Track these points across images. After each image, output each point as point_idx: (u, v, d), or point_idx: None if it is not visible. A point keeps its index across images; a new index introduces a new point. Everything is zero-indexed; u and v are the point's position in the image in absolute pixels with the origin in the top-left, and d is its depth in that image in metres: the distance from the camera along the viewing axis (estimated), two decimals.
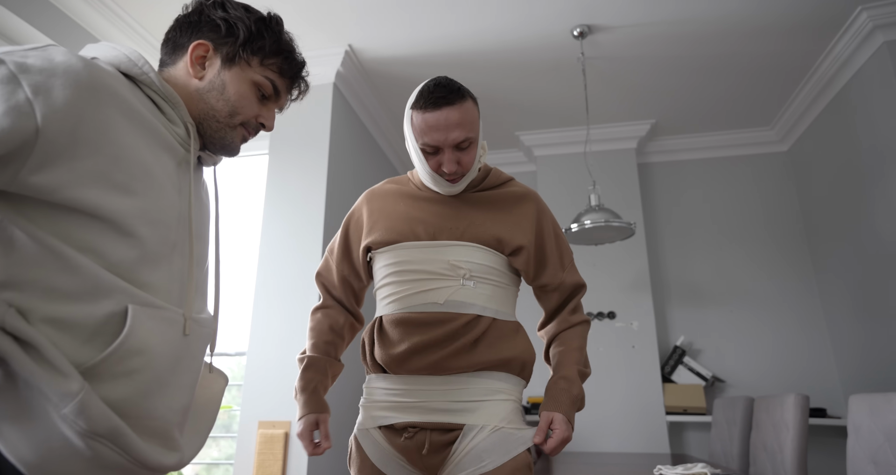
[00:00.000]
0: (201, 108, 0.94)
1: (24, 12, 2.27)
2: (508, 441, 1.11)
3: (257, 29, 0.96)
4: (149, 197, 0.81)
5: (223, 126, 0.96)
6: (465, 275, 1.16)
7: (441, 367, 1.13)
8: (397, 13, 2.72)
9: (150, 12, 2.69)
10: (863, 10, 2.67)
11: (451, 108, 1.12)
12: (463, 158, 1.16)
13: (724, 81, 3.28)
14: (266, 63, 0.97)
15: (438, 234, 1.20)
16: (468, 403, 1.13)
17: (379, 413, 1.19)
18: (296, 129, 2.96)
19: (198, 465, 2.85)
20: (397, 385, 1.17)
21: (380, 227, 1.24)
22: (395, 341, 1.16)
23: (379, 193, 1.31)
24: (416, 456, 1.13)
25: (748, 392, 3.42)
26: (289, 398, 2.52)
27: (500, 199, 1.26)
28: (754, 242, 3.70)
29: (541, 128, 3.84)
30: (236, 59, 0.95)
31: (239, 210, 3.16)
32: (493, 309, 1.18)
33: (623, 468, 2.32)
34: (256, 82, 0.97)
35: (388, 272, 1.22)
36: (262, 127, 1.01)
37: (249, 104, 0.96)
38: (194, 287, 0.91)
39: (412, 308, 1.16)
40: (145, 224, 0.80)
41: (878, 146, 2.83)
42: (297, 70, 1.03)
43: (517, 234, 1.21)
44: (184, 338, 0.85)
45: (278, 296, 2.68)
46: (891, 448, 1.55)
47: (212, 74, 0.94)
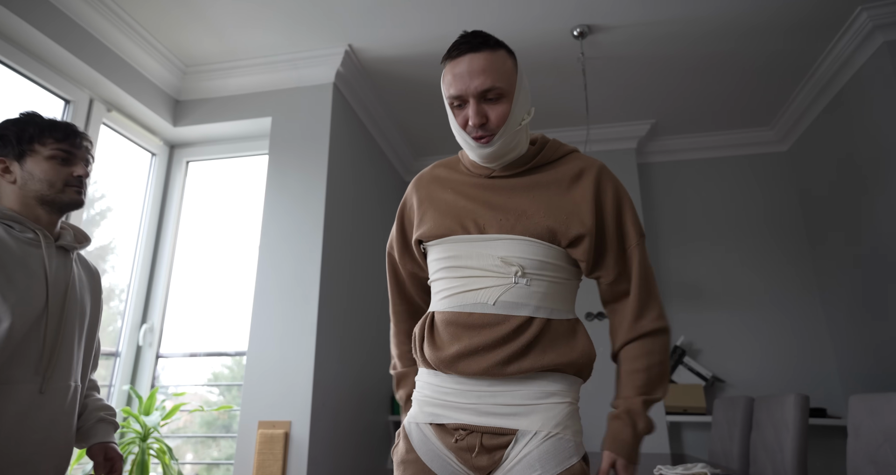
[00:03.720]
0: (31, 194, 1.33)
1: (25, 13, 2.27)
2: (563, 449, 1.04)
3: (19, 128, 1.35)
4: (21, 293, 1.25)
5: (54, 193, 1.35)
6: (517, 273, 1.08)
7: (490, 373, 1.06)
8: (397, 13, 2.72)
9: (150, 12, 2.69)
10: (863, 10, 2.67)
11: (476, 55, 1.07)
12: (490, 112, 1.08)
13: (724, 81, 3.28)
14: (42, 141, 1.35)
15: (488, 226, 1.12)
16: (520, 407, 1.06)
17: (431, 409, 1.13)
18: (296, 129, 2.96)
19: (198, 465, 2.85)
20: (448, 384, 1.11)
21: (428, 218, 1.18)
22: (444, 342, 1.11)
23: (427, 179, 1.25)
24: (466, 456, 1.08)
25: (748, 392, 3.42)
26: (289, 398, 2.53)
27: (556, 180, 1.16)
28: (754, 242, 3.70)
29: (541, 128, 3.84)
30: (25, 154, 1.33)
31: (239, 210, 3.16)
32: (547, 307, 1.10)
33: None
34: (50, 157, 1.35)
35: (439, 266, 1.16)
36: (79, 178, 1.38)
37: (57, 173, 1.35)
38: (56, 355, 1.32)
39: (462, 307, 1.10)
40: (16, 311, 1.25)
41: (878, 146, 2.83)
42: (68, 132, 1.39)
43: (574, 223, 1.11)
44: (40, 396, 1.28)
45: (278, 296, 2.68)
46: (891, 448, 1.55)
47: (18, 172, 1.33)
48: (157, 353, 2.92)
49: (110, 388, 2.76)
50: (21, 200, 1.33)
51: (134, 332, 2.89)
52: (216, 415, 2.92)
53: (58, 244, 1.38)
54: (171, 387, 2.90)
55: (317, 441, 2.52)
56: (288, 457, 2.43)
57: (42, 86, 2.50)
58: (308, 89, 3.02)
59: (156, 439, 2.48)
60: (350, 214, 3.14)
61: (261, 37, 2.88)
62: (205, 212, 3.18)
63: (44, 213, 1.36)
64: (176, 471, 2.44)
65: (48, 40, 2.37)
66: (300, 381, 2.53)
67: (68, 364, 1.36)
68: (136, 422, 2.50)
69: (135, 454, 2.41)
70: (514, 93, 1.10)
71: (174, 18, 2.74)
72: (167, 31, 2.83)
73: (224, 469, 2.80)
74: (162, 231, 3.10)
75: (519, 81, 1.12)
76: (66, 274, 1.37)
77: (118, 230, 2.92)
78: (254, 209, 3.08)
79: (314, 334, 2.59)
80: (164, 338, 2.96)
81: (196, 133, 3.16)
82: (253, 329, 2.66)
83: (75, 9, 2.50)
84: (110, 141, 2.88)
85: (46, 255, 1.33)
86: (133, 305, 2.90)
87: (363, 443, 3.12)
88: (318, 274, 2.67)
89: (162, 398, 2.78)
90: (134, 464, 2.39)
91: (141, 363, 2.88)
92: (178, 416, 2.80)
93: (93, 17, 2.58)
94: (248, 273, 2.96)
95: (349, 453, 2.90)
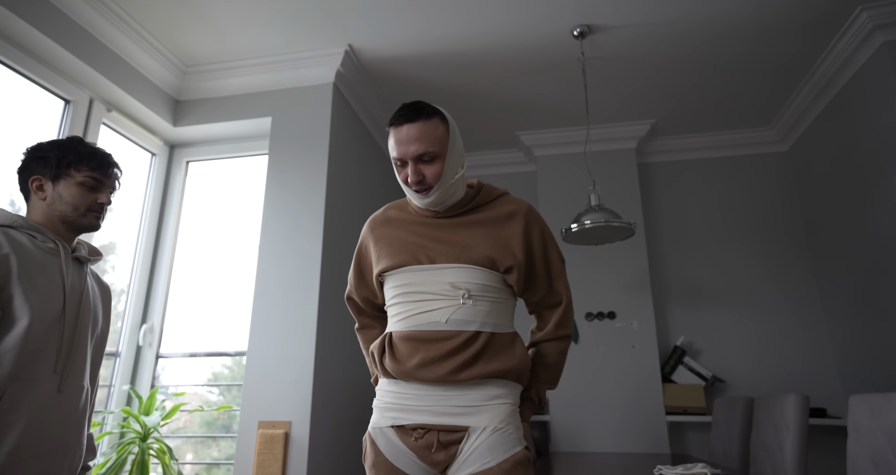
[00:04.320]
0: (56, 214, 1.46)
1: (25, 13, 2.27)
2: (509, 439, 1.24)
3: (61, 152, 1.46)
4: (41, 295, 1.35)
5: (77, 216, 1.47)
6: (464, 295, 1.29)
7: (446, 380, 1.24)
8: (397, 13, 2.72)
9: (150, 12, 2.69)
10: (863, 10, 2.67)
11: (412, 125, 1.27)
12: (426, 171, 1.29)
13: (724, 81, 3.28)
14: (79, 168, 1.47)
15: (437, 257, 1.32)
16: (471, 408, 1.25)
17: (391, 414, 1.30)
18: (296, 129, 2.96)
19: (198, 465, 2.85)
20: (407, 390, 1.29)
21: (385, 253, 1.37)
22: (404, 355, 1.28)
23: (380, 221, 1.45)
24: (425, 453, 1.25)
25: (748, 392, 3.42)
26: (289, 398, 2.52)
27: (491, 218, 1.37)
28: (754, 242, 3.70)
29: (541, 128, 3.84)
30: (60, 177, 1.46)
31: (239, 210, 3.15)
32: (491, 323, 1.30)
33: (623, 468, 2.32)
34: (80, 183, 1.47)
35: (395, 293, 1.35)
36: (101, 205, 1.51)
37: (83, 198, 1.47)
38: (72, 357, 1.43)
39: (419, 326, 1.29)
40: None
41: (878, 146, 2.83)
42: (103, 162, 1.51)
43: (507, 254, 1.32)
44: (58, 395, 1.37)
45: (278, 296, 2.68)
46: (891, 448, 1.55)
47: (50, 192, 1.46)
48: (157, 353, 2.92)
49: (110, 388, 2.76)
50: (46, 216, 1.46)
51: (134, 332, 2.89)
52: (216, 415, 2.92)
53: (74, 256, 1.49)
54: (171, 387, 2.90)
55: (317, 441, 2.52)
56: (288, 457, 2.43)
57: (42, 86, 2.50)
58: (308, 89, 3.02)
59: (156, 439, 2.48)
60: (350, 214, 3.14)
61: (261, 37, 2.88)
62: (205, 212, 3.18)
63: (63, 230, 1.49)
64: (176, 471, 2.44)
65: (48, 40, 2.37)
66: (300, 381, 2.53)
67: (82, 366, 1.46)
68: (136, 422, 2.49)
69: (135, 454, 2.41)
70: (445, 154, 1.30)
71: (174, 18, 2.74)
72: (167, 31, 2.82)
73: (224, 469, 2.80)
74: (162, 231, 3.10)
75: (451, 143, 1.31)
76: (80, 283, 1.49)
77: (118, 230, 2.92)
78: (254, 209, 3.08)
79: (314, 334, 2.59)
80: (164, 338, 2.96)
81: (196, 133, 3.16)
82: (253, 329, 2.66)
83: (75, 9, 2.49)
84: (110, 141, 2.87)
85: (65, 265, 1.44)
86: (133, 305, 2.90)
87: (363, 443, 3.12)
88: (318, 274, 2.67)
89: (162, 398, 2.78)
90: (134, 464, 2.39)
91: (141, 363, 2.88)
92: (178, 416, 2.80)
93: (93, 17, 2.58)
94: (248, 273, 2.96)
95: (349, 453, 2.90)
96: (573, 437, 3.29)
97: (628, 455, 2.92)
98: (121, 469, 2.42)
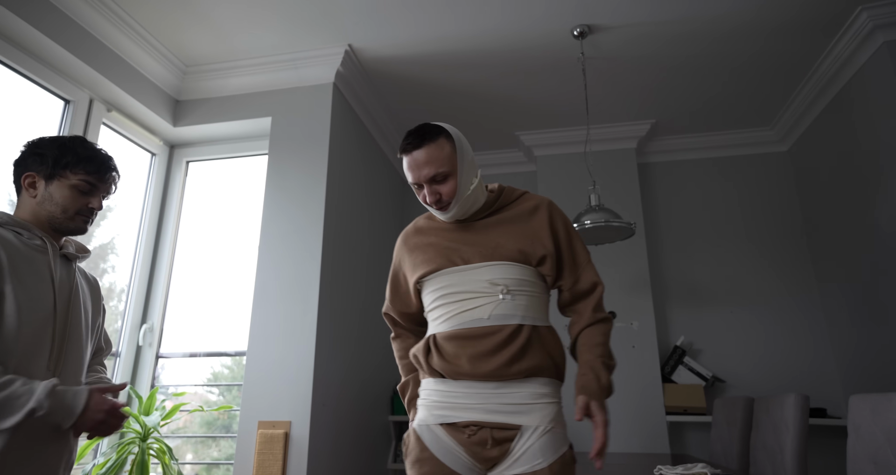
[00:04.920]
0: (44, 213, 1.41)
1: (25, 13, 2.27)
2: (557, 441, 1.28)
3: (60, 152, 1.41)
4: (30, 293, 1.32)
5: (64, 219, 1.42)
6: (502, 290, 1.33)
7: (497, 375, 1.28)
8: (397, 13, 2.72)
9: (150, 12, 2.69)
10: (863, 10, 2.67)
11: (419, 151, 1.34)
12: (441, 189, 1.36)
13: (724, 81, 3.28)
14: (75, 171, 1.41)
15: (472, 258, 1.37)
16: (521, 406, 1.29)
17: (439, 412, 1.34)
18: (296, 129, 2.96)
19: (198, 465, 2.85)
20: (456, 389, 1.33)
21: (420, 260, 1.44)
22: (451, 354, 1.32)
23: (412, 233, 1.52)
24: (477, 449, 1.28)
25: (748, 392, 3.42)
26: (289, 398, 2.52)
27: (517, 215, 1.43)
28: (754, 242, 3.70)
29: (541, 128, 3.84)
30: (54, 177, 1.41)
31: (239, 210, 3.15)
32: (531, 316, 1.34)
33: (623, 468, 2.32)
34: (74, 185, 1.42)
35: (435, 296, 1.40)
36: (92, 210, 1.46)
37: (74, 201, 1.42)
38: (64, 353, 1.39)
39: (462, 325, 1.33)
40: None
41: (878, 146, 2.83)
42: (101, 167, 1.45)
43: (537, 245, 1.38)
44: None
45: (278, 296, 2.68)
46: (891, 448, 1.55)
47: (41, 190, 1.41)
48: (157, 353, 2.92)
49: None
50: (34, 214, 1.42)
51: (134, 332, 2.89)
52: (216, 415, 2.92)
53: (62, 253, 1.46)
54: (171, 387, 2.90)
55: (317, 441, 2.52)
56: (288, 457, 2.43)
57: (42, 86, 2.50)
58: (308, 89, 3.02)
59: (156, 439, 2.48)
60: (350, 214, 3.14)
61: (261, 37, 2.88)
62: (205, 212, 3.18)
63: (49, 229, 1.45)
64: (176, 471, 2.44)
65: (48, 40, 2.37)
66: (300, 381, 2.53)
67: (77, 364, 1.44)
68: (136, 422, 2.49)
69: (135, 454, 2.41)
70: (456, 170, 1.36)
71: (174, 18, 2.74)
72: (167, 31, 2.82)
73: (224, 469, 2.80)
74: (162, 231, 3.10)
75: (460, 158, 1.37)
76: (69, 280, 1.45)
77: (118, 230, 2.92)
78: (254, 209, 3.08)
79: (314, 334, 2.59)
80: (164, 338, 2.96)
81: (196, 133, 3.16)
82: (253, 329, 2.66)
83: (75, 9, 2.49)
84: (110, 141, 2.87)
85: (53, 262, 1.41)
86: (133, 305, 2.90)
87: (363, 443, 3.12)
88: (317, 274, 2.67)
89: (162, 398, 2.78)
90: (134, 464, 2.39)
91: (141, 363, 2.88)
92: (178, 416, 2.80)
93: (93, 17, 2.58)
94: (248, 273, 2.96)
95: (349, 453, 2.90)
96: (573, 437, 3.28)
97: (628, 455, 2.92)
98: (121, 469, 2.42)
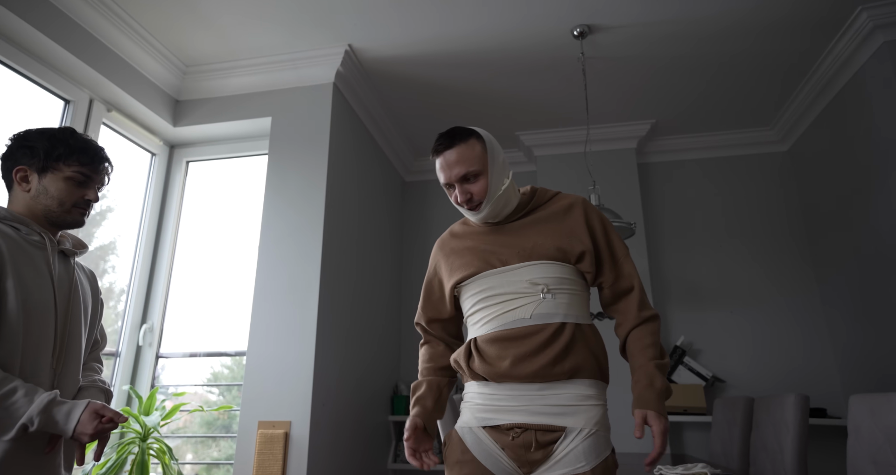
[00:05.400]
0: (40, 207, 1.38)
1: (25, 12, 2.27)
2: (600, 444, 1.25)
3: (51, 144, 1.38)
4: (30, 289, 1.30)
5: (61, 212, 1.39)
6: (543, 290, 1.32)
7: (541, 375, 1.26)
8: (397, 13, 2.72)
9: (151, 12, 2.69)
10: (863, 10, 2.67)
11: (450, 151, 1.36)
12: (472, 189, 1.36)
13: (724, 81, 3.28)
14: (68, 162, 1.39)
15: (509, 259, 1.36)
16: (566, 408, 1.27)
17: (483, 415, 1.32)
18: (296, 129, 2.96)
19: (198, 465, 2.85)
20: (499, 391, 1.31)
21: (457, 265, 1.43)
22: (494, 357, 1.30)
23: (447, 239, 1.52)
24: (521, 452, 1.26)
25: (748, 392, 3.42)
26: (289, 398, 2.52)
27: (552, 214, 1.42)
28: (754, 242, 3.70)
29: (541, 128, 3.84)
30: (48, 170, 1.38)
31: (239, 210, 3.15)
32: (573, 314, 1.32)
33: (623, 468, 2.32)
34: (69, 177, 1.39)
35: (475, 300, 1.39)
36: (89, 202, 1.44)
37: (70, 194, 1.39)
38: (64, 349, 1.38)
39: (504, 326, 1.31)
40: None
41: (878, 145, 2.83)
42: (94, 158, 1.43)
43: (575, 242, 1.36)
44: None
45: (278, 296, 2.68)
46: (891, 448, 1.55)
47: (35, 184, 1.38)
48: (157, 353, 2.92)
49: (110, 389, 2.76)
50: (29, 209, 1.39)
51: (134, 332, 2.89)
52: (216, 415, 2.92)
53: (60, 249, 1.44)
54: (171, 387, 2.90)
55: (317, 441, 2.52)
56: (288, 457, 2.43)
57: (42, 86, 2.50)
58: (308, 89, 3.02)
59: (156, 439, 2.48)
60: (350, 214, 3.14)
61: (261, 37, 2.88)
62: (205, 212, 3.18)
63: (46, 223, 1.42)
64: (176, 471, 2.44)
65: (48, 40, 2.37)
66: (300, 381, 2.53)
67: (76, 361, 1.43)
68: (136, 422, 2.49)
69: (135, 454, 2.41)
70: (487, 170, 1.36)
71: (174, 18, 2.74)
72: (167, 31, 2.82)
73: (224, 469, 2.80)
74: (162, 231, 3.10)
75: (491, 158, 1.38)
76: (68, 275, 1.44)
77: (118, 230, 2.92)
78: (254, 209, 3.08)
79: (314, 334, 2.59)
80: (164, 338, 2.96)
81: (196, 133, 3.16)
82: (253, 329, 2.66)
83: (75, 9, 2.49)
84: (110, 141, 2.87)
85: (51, 257, 1.39)
86: (133, 305, 2.90)
87: (363, 443, 3.12)
88: (317, 274, 2.67)
89: (162, 398, 2.78)
90: (134, 464, 2.39)
91: (141, 363, 2.88)
92: (178, 416, 2.80)
93: (93, 18, 2.58)
94: (248, 273, 2.96)
95: (349, 453, 2.90)
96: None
97: (628, 455, 2.92)
98: (121, 469, 2.42)
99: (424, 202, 4.23)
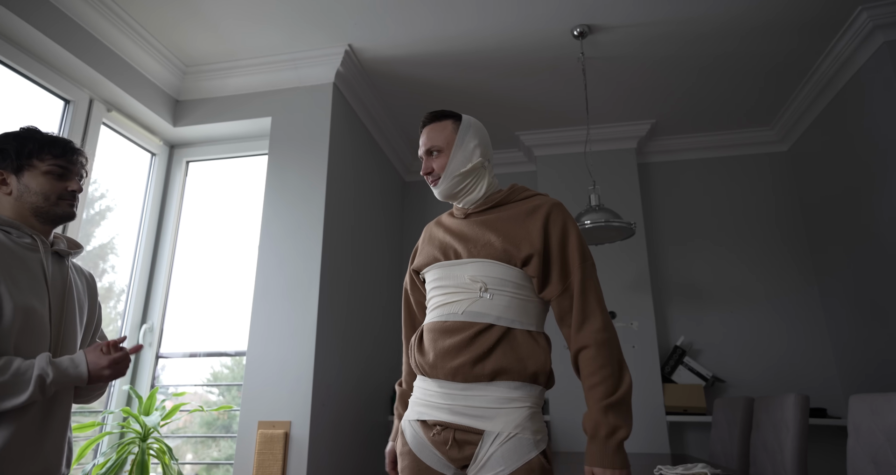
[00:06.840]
0: (26, 207, 1.39)
1: (25, 13, 2.27)
2: (521, 447, 1.23)
3: (19, 143, 1.40)
4: (24, 293, 1.30)
5: (49, 206, 1.41)
6: (481, 288, 1.32)
7: (462, 373, 1.28)
8: (397, 13, 2.72)
9: (151, 12, 2.69)
10: (863, 10, 2.67)
11: (427, 127, 1.47)
12: (434, 163, 1.43)
13: (724, 81, 3.28)
14: (41, 157, 1.41)
15: (461, 253, 1.39)
16: (486, 410, 1.26)
17: (418, 408, 1.37)
18: (296, 129, 2.96)
19: (198, 465, 2.85)
20: (431, 387, 1.35)
21: (422, 253, 1.51)
22: (426, 348, 1.35)
23: (432, 226, 1.56)
24: (443, 448, 1.30)
25: (748, 392, 3.42)
26: (288, 398, 2.52)
27: (516, 214, 1.40)
28: (754, 242, 3.70)
29: (541, 128, 3.84)
30: (23, 168, 1.39)
31: (239, 210, 3.15)
32: (508, 318, 1.30)
33: None
34: (46, 172, 1.41)
35: (431, 287, 1.44)
36: (73, 193, 1.45)
37: (52, 187, 1.41)
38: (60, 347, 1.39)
39: (440, 317, 1.36)
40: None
41: (878, 146, 2.83)
42: (66, 149, 1.45)
43: (525, 245, 1.33)
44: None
45: (278, 296, 2.68)
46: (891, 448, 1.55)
47: (14, 185, 1.39)
48: (157, 353, 2.92)
49: (110, 388, 2.76)
50: (17, 211, 1.40)
51: (134, 332, 2.89)
52: (216, 415, 2.92)
53: (53, 250, 1.44)
54: (171, 387, 2.90)
55: (317, 441, 2.52)
56: (288, 457, 2.43)
57: (42, 86, 2.50)
58: (308, 89, 3.02)
59: (156, 439, 2.48)
60: (350, 214, 3.14)
61: (261, 37, 2.88)
62: (205, 212, 3.18)
63: (38, 223, 1.42)
64: (176, 471, 2.44)
65: (48, 41, 2.37)
66: (300, 381, 2.53)
67: None
68: (136, 422, 2.49)
69: (135, 454, 2.41)
70: (451, 150, 1.42)
71: (174, 18, 2.74)
72: (167, 31, 2.83)
73: (224, 469, 2.80)
74: (162, 231, 3.10)
75: (459, 139, 1.43)
76: (63, 278, 1.44)
77: (118, 230, 2.92)
78: (254, 209, 3.08)
79: (314, 334, 2.59)
80: (164, 338, 2.96)
81: (196, 133, 3.16)
82: (253, 329, 2.66)
83: (75, 9, 2.49)
84: (110, 141, 2.87)
85: (45, 260, 1.39)
86: (133, 305, 2.90)
87: (363, 443, 3.12)
88: (318, 273, 2.67)
89: (162, 398, 2.78)
90: (134, 464, 2.39)
91: (141, 363, 2.88)
92: (178, 416, 2.80)
93: (93, 18, 2.58)
94: (248, 273, 2.96)
95: (349, 453, 2.90)
96: (573, 437, 3.29)
97: (628, 455, 2.92)
98: (121, 469, 2.42)
99: (424, 202, 4.23)
